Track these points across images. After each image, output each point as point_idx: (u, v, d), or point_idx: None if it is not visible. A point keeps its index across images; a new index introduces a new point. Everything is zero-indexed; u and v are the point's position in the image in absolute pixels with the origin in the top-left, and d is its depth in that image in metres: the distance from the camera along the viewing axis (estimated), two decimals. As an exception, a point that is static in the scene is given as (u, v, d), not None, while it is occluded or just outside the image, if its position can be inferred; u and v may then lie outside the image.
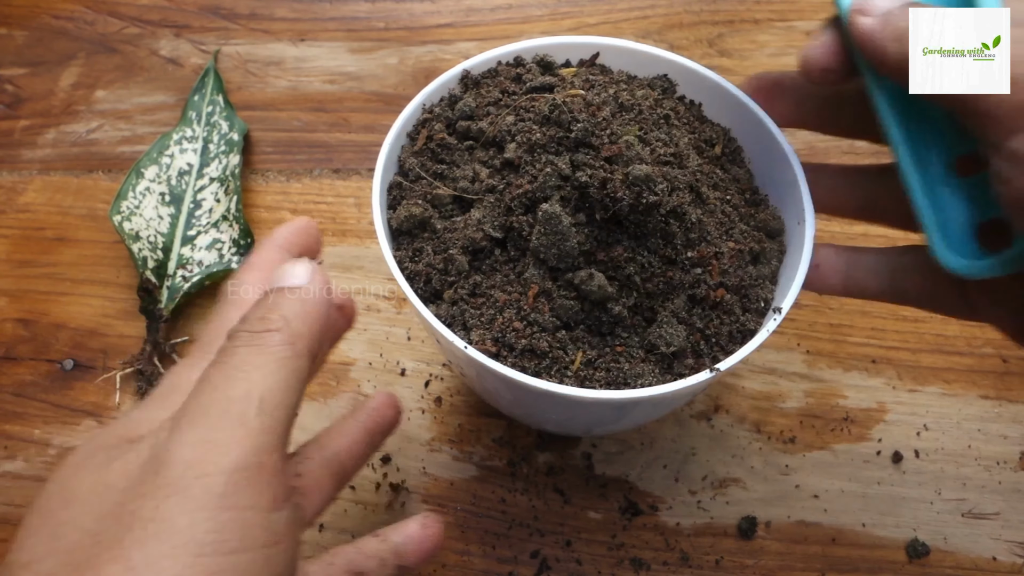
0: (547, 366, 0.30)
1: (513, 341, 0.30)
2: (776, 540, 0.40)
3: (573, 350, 0.30)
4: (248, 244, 0.48)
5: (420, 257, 0.32)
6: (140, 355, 0.44)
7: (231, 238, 0.48)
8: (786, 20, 0.58)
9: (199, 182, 0.50)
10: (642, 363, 0.30)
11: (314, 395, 0.44)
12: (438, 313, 0.31)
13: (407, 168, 0.35)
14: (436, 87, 0.37)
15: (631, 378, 0.30)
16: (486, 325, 0.31)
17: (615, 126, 0.31)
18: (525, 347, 0.30)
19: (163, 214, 0.49)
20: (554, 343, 0.30)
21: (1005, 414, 0.43)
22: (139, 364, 0.44)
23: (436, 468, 0.42)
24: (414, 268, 0.32)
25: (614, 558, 0.40)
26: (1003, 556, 0.39)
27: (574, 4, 0.59)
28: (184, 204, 0.49)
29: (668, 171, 0.30)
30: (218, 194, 0.49)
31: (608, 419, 0.36)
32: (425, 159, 0.35)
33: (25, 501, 0.41)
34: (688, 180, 0.31)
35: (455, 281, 0.32)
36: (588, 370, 0.30)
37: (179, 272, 0.47)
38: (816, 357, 0.45)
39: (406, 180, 0.35)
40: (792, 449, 0.42)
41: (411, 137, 0.36)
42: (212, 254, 0.48)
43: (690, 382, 0.29)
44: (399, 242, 0.34)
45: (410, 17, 0.58)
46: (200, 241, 0.48)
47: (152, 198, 0.49)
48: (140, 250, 0.47)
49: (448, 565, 0.40)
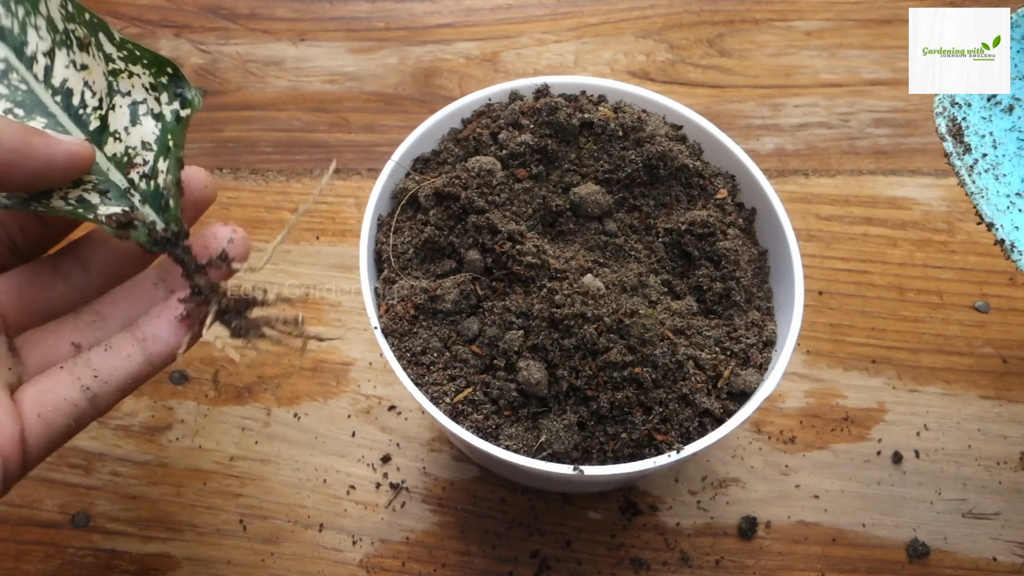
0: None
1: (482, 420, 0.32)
2: (776, 540, 0.40)
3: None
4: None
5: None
6: None
7: None
8: (786, 20, 0.58)
9: None
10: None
11: (314, 395, 0.44)
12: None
13: (397, 262, 0.35)
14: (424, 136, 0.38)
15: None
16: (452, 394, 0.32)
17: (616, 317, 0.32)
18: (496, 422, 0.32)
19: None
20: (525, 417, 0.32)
21: (1005, 414, 0.43)
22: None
23: (436, 468, 0.42)
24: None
25: (614, 558, 0.40)
26: (1003, 556, 0.39)
27: (574, 4, 0.59)
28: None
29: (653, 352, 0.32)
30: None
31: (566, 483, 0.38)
32: (415, 257, 0.35)
33: (24, 501, 0.41)
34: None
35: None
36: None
37: None
38: (816, 357, 0.45)
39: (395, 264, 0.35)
40: (792, 449, 0.42)
41: (395, 198, 0.37)
42: None
43: (643, 465, 0.30)
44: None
45: (410, 17, 0.58)
46: None
47: None
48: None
49: (448, 565, 0.40)
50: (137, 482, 0.42)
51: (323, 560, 0.40)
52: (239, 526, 0.41)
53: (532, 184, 0.35)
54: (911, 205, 0.50)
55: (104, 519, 0.41)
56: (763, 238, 0.37)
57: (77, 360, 0.28)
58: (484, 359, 0.32)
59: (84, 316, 0.30)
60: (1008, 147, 0.32)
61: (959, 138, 0.32)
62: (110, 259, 0.31)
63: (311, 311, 0.46)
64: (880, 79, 0.55)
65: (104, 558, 0.40)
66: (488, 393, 0.32)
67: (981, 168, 0.31)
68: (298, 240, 0.49)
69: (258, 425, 0.43)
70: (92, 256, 0.31)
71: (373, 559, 0.40)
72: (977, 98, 0.32)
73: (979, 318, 0.46)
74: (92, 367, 0.28)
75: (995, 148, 0.32)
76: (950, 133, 0.32)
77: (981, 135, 0.32)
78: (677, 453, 0.30)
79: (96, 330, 0.30)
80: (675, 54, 0.56)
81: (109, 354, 0.28)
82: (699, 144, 0.38)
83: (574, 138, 0.36)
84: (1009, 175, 0.31)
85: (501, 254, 0.32)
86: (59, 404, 0.27)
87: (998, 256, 0.47)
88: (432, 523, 0.41)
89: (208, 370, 0.45)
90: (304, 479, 0.42)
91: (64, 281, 0.30)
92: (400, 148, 0.36)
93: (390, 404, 0.44)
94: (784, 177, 0.51)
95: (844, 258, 0.48)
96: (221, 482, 0.42)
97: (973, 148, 0.32)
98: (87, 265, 0.31)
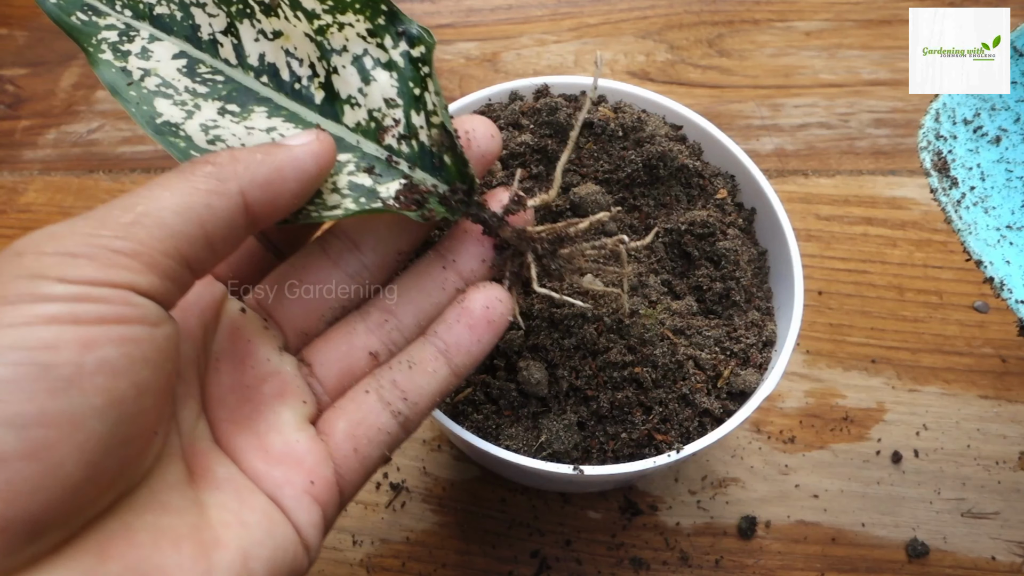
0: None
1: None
2: (776, 540, 0.40)
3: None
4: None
5: None
6: None
7: None
8: (786, 20, 0.58)
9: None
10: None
11: (314, 395, 0.44)
12: None
13: None
14: None
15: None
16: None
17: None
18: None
19: None
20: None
21: (1004, 414, 0.43)
22: None
23: (436, 468, 0.42)
24: None
25: (614, 558, 0.40)
26: (1002, 556, 0.39)
27: (574, 4, 0.59)
28: None
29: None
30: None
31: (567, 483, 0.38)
32: None
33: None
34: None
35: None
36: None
37: None
38: (816, 357, 0.45)
39: None
40: (792, 449, 0.42)
41: None
42: None
43: (643, 465, 0.30)
44: None
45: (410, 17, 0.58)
46: None
47: None
48: None
49: (448, 564, 0.40)
50: (137, 482, 0.42)
51: (323, 560, 0.40)
52: (239, 526, 0.41)
53: (532, 184, 0.35)
54: (910, 205, 0.50)
55: (104, 519, 0.41)
56: (763, 238, 0.37)
57: (381, 381, 0.25)
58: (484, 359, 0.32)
59: (374, 317, 0.26)
60: (996, 179, 0.31)
61: (945, 172, 0.31)
62: (382, 233, 0.26)
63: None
64: (880, 79, 0.55)
65: (104, 558, 0.40)
66: (488, 393, 0.32)
67: (969, 202, 0.31)
68: (298, 240, 0.49)
69: (258, 425, 0.43)
70: (360, 234, 0.26)
71: (373, 559, 0.40)
72: (963, 130, 0.31)
73: (978, 318, 0.46)
74: (400, 389, 0.25)
75: (983, 181, 0.31)
76: (935, 168, 0.31)
77: (968, 168, 0.31)
78: (677, 453, 0.30)
79: (391, 331, 0.26)
80: (675, 54, 0.56)
81: (414, 372, 0.25)
82: (699, 144, 0.38)
83: None
84: (999, 207, 0.31)
85: None
86: (373, 436, 0.25)
87: (997, 256, 0.47)
88: (432, 523, 0.41)
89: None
90: (304, 479, 0.42)
91: (337, 268, 0.26)
92: None
93: (390, 404, 0.44)
94: (784, 177, 0.51)
95: (844, 258, 0.48)
96: (221, 482, 0.42)
97: (960, 182, 0.31)
98: (357, 244, 0.26)
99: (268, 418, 0.24)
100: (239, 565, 0.21)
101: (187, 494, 0.21)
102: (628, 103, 0.38)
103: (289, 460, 0.23)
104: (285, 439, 0.24)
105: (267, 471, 0.23)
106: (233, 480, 0.23)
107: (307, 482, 0.23)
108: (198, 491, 0.22)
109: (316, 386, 0.26)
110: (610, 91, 0.39)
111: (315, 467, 0.23)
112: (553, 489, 0.41)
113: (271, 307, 0.26)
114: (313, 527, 0.23)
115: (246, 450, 0.23)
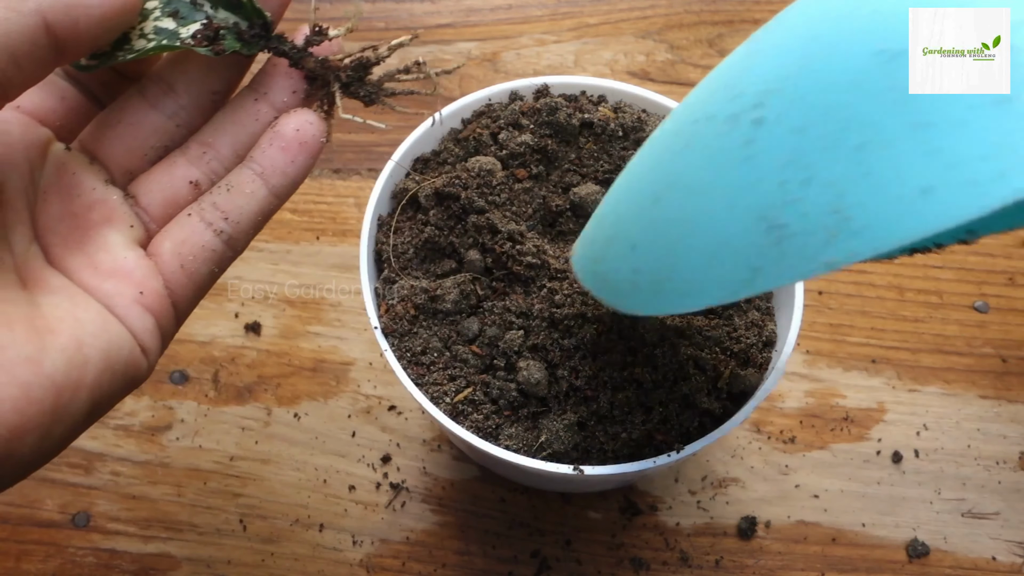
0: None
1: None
2: (776, 540, 0.40)
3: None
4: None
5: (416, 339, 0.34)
6: None
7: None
8: (786, 20, 0.58)
9: None
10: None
11: (314, 395, 0.44)
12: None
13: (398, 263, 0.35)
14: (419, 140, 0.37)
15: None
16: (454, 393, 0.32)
17: None
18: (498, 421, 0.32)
19: None
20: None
21: (1004, 414, 0.43)
22: None
23: (436, 468, 0.42)
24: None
25: (614, 558, 0.40)
26: (1003, 556, 0.39)
27: (574, 4, 0.59)
28: None
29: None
30: None
31: (567, 483, 0.38)
32: (416, 256, 0.35)
33: (25, 501, 0.41)
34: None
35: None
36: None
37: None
38: (816, 357, 0.45)
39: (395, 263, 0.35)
40: (792, 449, 0.42)
41: (396, 198, 0.37)
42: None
43: (643, 465, 0.30)
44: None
45: (410, 17, 0.58)
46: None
47: None
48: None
49: (448, 565, 0.40)
50: (137, 482, 0.42)
51: (323, 560, 0.40)
52: (239, 526, 0.41)
53: (532, 184, 0.35)
54: (911, 205, 0.50)
55: (104, 519, 0.41)
56: None
57: (202, 204, 0.27)
58: (484, 359, 0.32)
59: (192, 149, 0.28)
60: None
61: None
62: (194, 75, 0.28)
63: (310, 311, 0.46)
64: (880, 79, 0.55)
65: (104, 558, 0.40)
66: (488, 393, 0.32)
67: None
68: (298, 240, 0.49)
69: (258, 425, 0.43)
70: (174, 77, 0.28)
71: (373, 559, 0.40)
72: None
73: (979, 318, 0.46)
74: (220, 210, 0.27)
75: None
76: None
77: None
78: (677, 453, 0.30)
79: (210, 161, 0.28)
80: (675, 54, 0.56)
81: (233, 194, 0.27)
82: None
83: (574, 138, 0.36)
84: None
85: (501, 254, 0.32)
86: (198, 252, 0.27)
87: (998, 256, 0.47)
88: (432, 523, 0.41)
89: (208, 370, 0.45)
90: (304, 479, 0.42)
91: (155, 109, 0.28)
92: (400, 148, 0.36)
93: (390, 404, 0.44)
94: (784, 177, 0.51)
95: (844, 258, 0.48)
96: (221, 482, 0.42)
97: None
98: (172, 86, 0.28)
99: (97, 241, 0.26)
100: (72, 350, 0.22)
101: (20, 295, 0.23)
102: (628, 103, 0.38)
103: (118, 274, 0.25)
104: (114, 257, 0.26)
105: (98, 284, 0.25)
106: (67, 288, 0.24)
107: (136, 292, 0.25)
108: (32, 294, 0.23)
109: (143, 215, 0.27)
110: (610, 91, 0.39)
111: (144, 280, 0.25)
112: (553, 489, 0.41)
113: (94, 148, 0.27)
114: (148, 333, 0.25)
115: (78, 269, 0.25)
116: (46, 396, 0.21)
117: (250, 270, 0.48)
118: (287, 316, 0.46)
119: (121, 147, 0.28)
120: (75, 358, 0.22)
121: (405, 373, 0.32)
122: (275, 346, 0.45)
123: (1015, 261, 0.47)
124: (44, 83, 0.26)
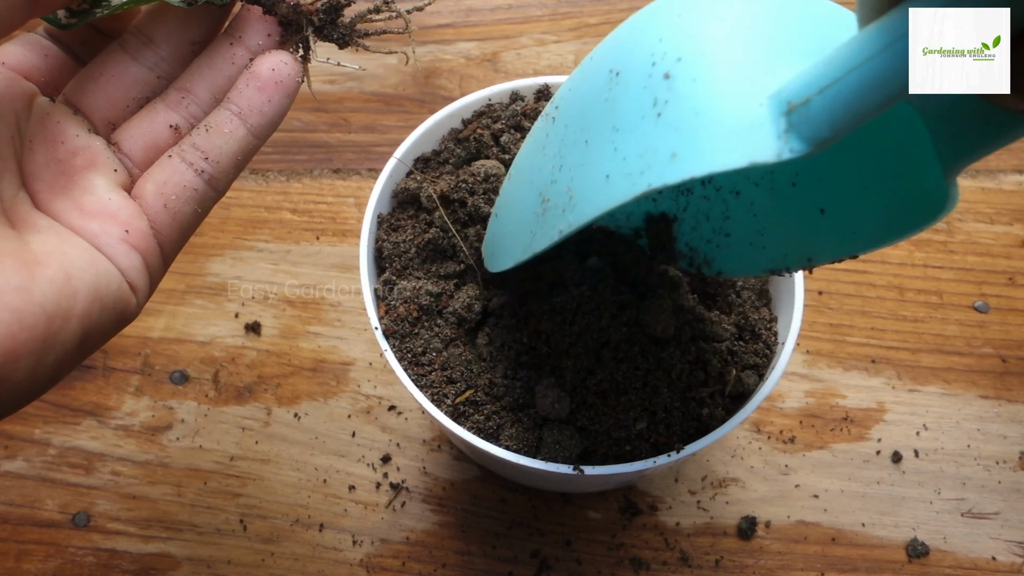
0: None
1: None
2: (776, 540, 0.40)
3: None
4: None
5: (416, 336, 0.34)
6: None
7: None
8: (786, 20, 0.58)
9: None
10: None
11: (314, 395, 0.44)
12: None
13: (399, 262, 0.35)
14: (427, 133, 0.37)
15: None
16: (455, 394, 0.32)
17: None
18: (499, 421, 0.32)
19: None
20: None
21: (1004, 414, 0.43)
22: None
23: (436, 468, 0.42)
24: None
25: (614, 558, 0.40)
26: (1002, 556, 0.39)
27: (574, 4, 0.59)
28: None
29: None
30: None
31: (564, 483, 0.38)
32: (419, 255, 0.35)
33: (25, 501, 0.41)
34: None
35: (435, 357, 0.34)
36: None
37: None
38: (816, 357, 0.45)
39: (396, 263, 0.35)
40: (792, 449, 0.42)
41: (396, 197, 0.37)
42: None
43: (643, 465, 0.30)
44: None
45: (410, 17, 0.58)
46: None
47: None
48: None
49: (448, 565, 0.40)
50: (137, 482, 0.42)
51: (323, 560, 0.40)
52: (239, 526, 0.41)
53: None
54: (911, 205, 0.50)
55: (104, 519, 0.41)
56: None
57: (183, 146, 0.28)
58: (485, 360, 0.32)
59: (172, 96, 0.29)
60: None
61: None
62: (172, 26, 0.29)
63: (310, 311, 0.46)
64: (880, 79, 0.55)
65: (104, 558, 0.40)
66: (489, 393, 0.32)
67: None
68: (298, 240, 0.49)
69: (258, 425, 0.43)
70: (153, 29, 0.29)
71: (373, 559, 0.40)
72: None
73: (979, 318, 0.46)
74: (200, 150, 0.28)
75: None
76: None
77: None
78: (677, 453, 0.30)
79: (188, 105, 0.29)
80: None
81: (212, 134, 0.28)
82: None
83: None
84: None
85: None
86: (180, 192, 0.27)
87: (998, 256, 0.47)
88: (432, 523, 0.41)
89: (208, 370, 0.45)
90: (304, 479, 0.42)
91: (135, 62, 0.29)
92: (400, 148, 0.36)
93: (390, 404, 0.44)
94: (784, 177, 0.51)
95: (844, 258, 0.48)
96: (221, 482, 0.42)
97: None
98: (152, 38, 0.29)
99: (82, 184, 0.26)
100: (61, 282, 0.23)
101: (9, 233, 0.23)
102: None
103: (104, 215, 0.26)
104: (99, 199, 0.26)
105: (84, 224, 0.26)
106: (54, 228, 0.25)
107: (122, 231, 0.26)
108: (20, 233, 0.24)
109: (125, 160, 0.28)
110: None
111: (129, 220, 0.26)
112: (553, 489, 0.41)
113: (77, 100, 0.28)
114: (135, 271, 0.26)
115: (64, 211, 0.26)
116: (37, 322, 0.22)
117: (250, 270, 0.48)
118: (287, 316, 0.46)
119: (103, 99, 0.28)
120: (64, 289, 0.23)
121: (406, 374, 0.32)
122: (275, 346, 0.45)
123: (1015, 261, 0.47)
124: (27, 42, 0.27)
